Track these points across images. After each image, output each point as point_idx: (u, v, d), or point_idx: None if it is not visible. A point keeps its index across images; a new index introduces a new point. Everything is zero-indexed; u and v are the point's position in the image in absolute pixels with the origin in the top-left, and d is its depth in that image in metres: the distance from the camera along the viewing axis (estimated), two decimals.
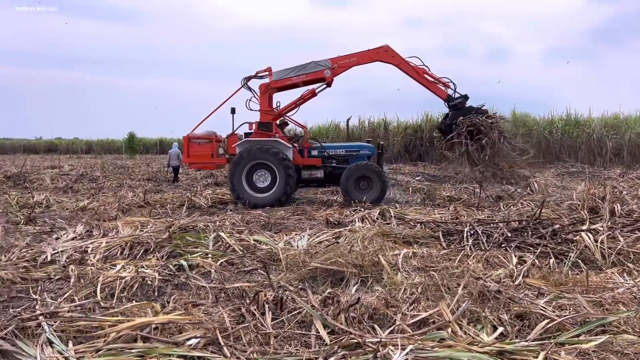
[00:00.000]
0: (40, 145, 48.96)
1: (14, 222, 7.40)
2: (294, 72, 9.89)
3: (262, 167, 9.52)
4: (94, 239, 6.06)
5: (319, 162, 10.01)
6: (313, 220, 7.68)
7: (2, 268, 4.65)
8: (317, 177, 10.03)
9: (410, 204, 9.45)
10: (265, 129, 9.77)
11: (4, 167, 20.01)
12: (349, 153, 10.23)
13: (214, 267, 4.83)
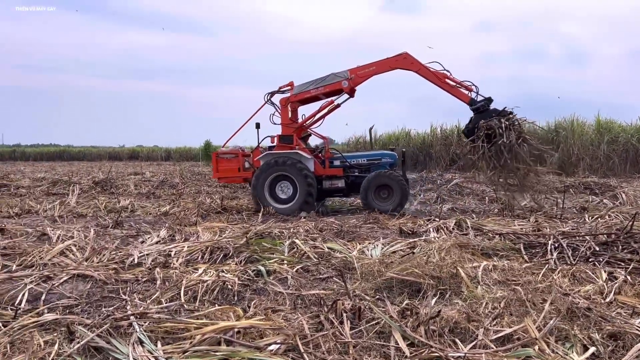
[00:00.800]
0: (123, 153, 51.96)
1: (104, 226, 7.88)
2: (313, 85, 10.09)
3: (283, 178, 9.79)
4: (176, 243, 6.33)
5: (341, 172, 10.11)
6: (386, 229, 7.63)
7: (95, 269, 4.95)
8: (338, 187, 10.12)
9: (488, 214, 9.15)
10: (286, 141, 10.03)
11: (92, 173, 21.38)
12: (371, 162, 10.28)
13: (290, 274, 4.90)
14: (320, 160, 10.23)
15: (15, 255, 5.67)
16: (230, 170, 10.42)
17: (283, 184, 9.85)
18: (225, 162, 10.47)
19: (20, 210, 9.72)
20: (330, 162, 10.30)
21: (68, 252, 5.73)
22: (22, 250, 5.82)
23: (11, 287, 4.44)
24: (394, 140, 24.46)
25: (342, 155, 10.54)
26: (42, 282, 4.56)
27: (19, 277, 4.70)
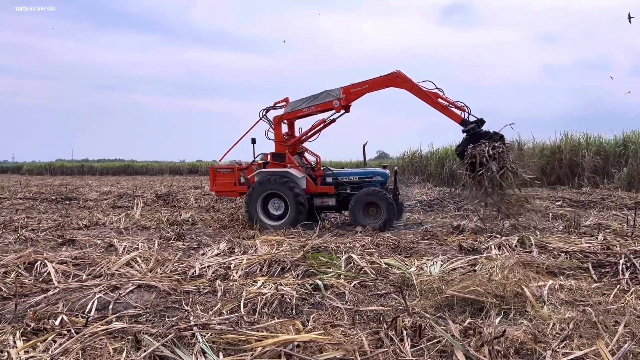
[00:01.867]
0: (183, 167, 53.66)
1: (166, 238, 8.15)
2: (307, 102, 10.21)
3: (275, 196, 9.93)
4: (235, 255, 6.45)
5: (332, 189, 10.18)
6: (445, 245, 7.47)
7: (159, 280, 5.12)
8: (329, 204, 10.23)
9: (552, 231, 8.79)
10: (278, 159, 10.22)
11: (154, 187, 22.20)
12: (362, 179, 10.35)
13: (347, 289, 4.88)
14: (313, 178, 10.33)
15: (85, 265, 5.96)
16: (226, 185, 10.65)
17: (275, 201, 10.01)
18: (221, 176, 10.70)
19: (89, 222, 10.21)
20: (322, 179, 10.41)
21: (133, 263, 5.96)
22: (91, 261, 6.11)
23: (82, 295, 4.66)
24: (450, 154, 24.02)
25: (333, 172, 10.59)
26: (110, 292, 4.76)
27: (88, 287, 4.94)
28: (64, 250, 6.95)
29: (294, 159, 10.31)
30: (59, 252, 6.60)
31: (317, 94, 10.17)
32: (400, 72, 9.57)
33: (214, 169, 10.87)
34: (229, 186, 10.63)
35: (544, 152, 20.83)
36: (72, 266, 5.87)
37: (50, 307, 4.33)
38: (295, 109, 10.33)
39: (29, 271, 5.63)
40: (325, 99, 10.02)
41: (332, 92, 9.98)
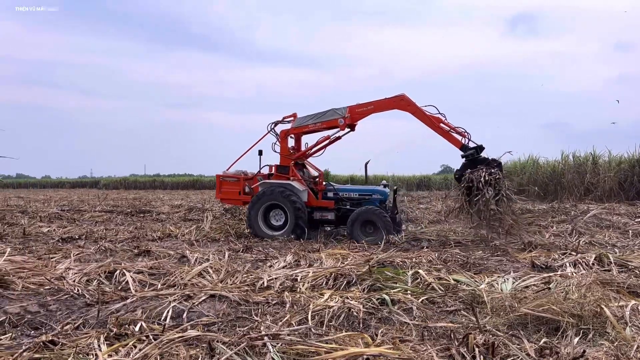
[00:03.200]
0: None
1: (235, 250, 8.38)
2: (313, 119, 10.62)
3: (276, 207, 10.29)
4: (301, 268, 6.53)
5: (332, 204, 10.50)
6: (516, 262, 7.22)
7: (230, 290, 5.27)
8: (328, 218, 10.52)
9: (632, 248, 8.29)
10: (282, 171, 10.66)
11: None
12: (362, 196, 10.62)
13: (415, 304, 4.82)
14: (315, 192, 10.60)
15: (160, 274, 6.24)
16: (231, 193, 11.03)
17: (276, 212, 10.35)
18: (227, 184, 11.07)
19: (162, 234, 10.67)
20: (324, 193, 10.66)
21: (205, 273, 6.17)
22: (165, 271, 6.39)
23: (158, 303, 4.87)
24: (519, 169, 23.22)
25: (334, 187, 10.82)
26: (184, 301, 4.95)
27: (164, 295, 5.16)
28: (140, 260, 7.30)
29: (297, 172, 10.63)
30: (135, 262, 6.94)
31: (324, 111, 10.51)
32: (405, 96, 9.85)
33: (221, 177, 11.19)
34: (234, 195, 11.01)
35: (622, 165, 19.74)
36: (148, 276, 6.15)
37: (129, 314, 4.56)
38: (302, 125, 10.72)
39: (109, 280, 5.96)
40: (331, 117, 10.40)
41: (338, 110, 10.34)
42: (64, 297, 5.19)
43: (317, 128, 10.64)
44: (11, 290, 5.35)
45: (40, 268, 6.29)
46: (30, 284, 5.60)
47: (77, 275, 6.00)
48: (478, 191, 8.84)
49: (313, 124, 10.63)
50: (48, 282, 5.67)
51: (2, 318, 4.55)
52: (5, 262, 6.08)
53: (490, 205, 8.67)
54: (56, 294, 5.28)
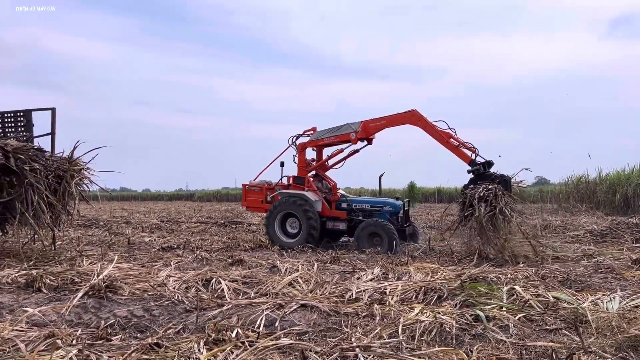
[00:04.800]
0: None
1: (323, 261, 8.48)
2: (328, 133, 11.21)
3: (292, 215, 10.90)
4: (390, 281, 6.48)
5: (344, 215, 10.99)
6: (623, 280, 6.70)
7: (320, 301, 5.34)
8: (339, 228, 10.99)
9: None
10: (299, 182, 11.27)
11: None
12: (373, 208, 11.01)
13: (511, 321, 4.62)
14: (329, 202, 11.15)
15: (252, 283, 6.45)
16: (255, 201, 11.82)
17: (292, 221, 10.96)
18: (252, 193, 11.91)
19: (253, 245, 11.04)
20: (337, 204, 11.19)
21: (295, 283, 6.30)
22: (258, 280, 6.59)
23: (251, 311, 5.04)
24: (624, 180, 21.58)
25: (346, 198, 11.27)
26: (276, 309, 5.08)
27: (257, 304, 5.32)
28: (233, 269, 7.59)
29: (312, 183, 11.22)
30: (230, 271, 7.23)
31: (340, 125, 11.07)
32: (416, 111, 10.22)
33: (247, 186, 12.08)
34: (258, 203, 11.80)
35: None
36: (241, 284, 6.38)
37: (225, 320, 4.75)
38: (318, 138, 11.36)
39: (206, 287, 6.25)
40: (345, 131, 10.94)
41: (353, 125, 10.87)
42: (165, 303, 5.51)
43: (331, 142, 11.22)
44: (119, 295, 5.77)
45: (143, 275, 6.73)
46: (136, 289, 6.01)
47: (176, 282, 6.35)
48: (471, 207, 9.06)
49: (328, 138, 11.21)
50: (151, 289, 6.05)
51: (112, 321, 4.92)
52: (114, 269, 6.57)
53: (482, 221, 8.77)
54: (158, 300, 5.62)
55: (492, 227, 8.81)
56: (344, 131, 10.97)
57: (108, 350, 3.91)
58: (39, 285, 6.18)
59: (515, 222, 9.13)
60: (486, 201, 8.95)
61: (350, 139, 10.88)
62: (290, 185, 11.47)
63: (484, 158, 9.80)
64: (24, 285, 6.30)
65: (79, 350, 3.75)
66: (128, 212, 25.21)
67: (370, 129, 10.79)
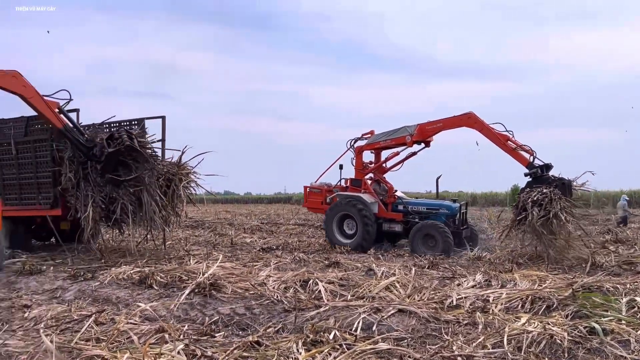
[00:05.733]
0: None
1: (420, 266, 8.27)
2: (384, 136, 11.37)
3: (349, 217, 11.12)
4: (493, 289, 6.18)
5: (400, 216, 11.11)
6: None
7: (418, 306, 5.20)
8: (395, 230, 11.15)
9: None
10: (356, 184, 11.59)
11: None
12: (429, 210, 11.07)
13: (632, 336, 4.19)
14: (385, 204, 11.27)
15: (349, 286, 6.44)
16: (315, 202, 12.28)
17: (349, 222, 11.17)
18: (313, 195, 12.34)
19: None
20: (393, 206, 11.33)
21: (392, 287, 6.21)
22: (354, 283, 6.57)
23: (348, 314, 5.02)
24: None
25: (402, 201, 11.37)
26: (373, 313, 5.02)
27: (353, 306, 5.29)
28: (330, 271, 7.64)
29: (369, 185, 11.49)
30: (326, 273, 7.29)
31: (397, 128, 11.18)
32: (473, 114, 10.23)
33: (308, 188, 12.50)
34: (318, 204, 12.23)
35: None
36: (338, 286, 6.40)
37: (323, 322, 4.77)
38: (374, 141, 11.57)
39: (304, 288, 6.33)
40: (400, 134, 11.06)
41: (409, 127, 10.97)
42: (265, 302, 5.66)
43: (386, 144, 11.41)
44: (222, 293, 6.02)
45: (245, 274, 6.97)
46: (238, 288, 6.24)
47: (276, 282, 6.51)
48: (524, 211, 8.98)
49: (383, 141, 11.39)
50: (252, 288, 6.25)
51: (216, 318, 5.14)
52: (218, 268, 6.86)
53: (535, 225, 8.69)
54: (259, 299, 5.78)
55: (546, 231, 8.75)
56: (400, 134, 11.11)
57: (212, 346, 4.08)
58: (151, 282, 6.62)
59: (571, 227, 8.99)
60: (540, 205, 8.88)
61: (406, 141, 11.02)
62: (348, 187, 11.80)
63: (542, 161, 9.72)
64: (138, 281, 6.78)
65: (185, 345, 3.95)
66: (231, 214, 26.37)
67: (426, 132, 10.92)
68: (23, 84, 7.72)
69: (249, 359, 3.81)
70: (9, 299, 5.98)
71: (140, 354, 3.47)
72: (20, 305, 5.60)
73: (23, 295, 6.20)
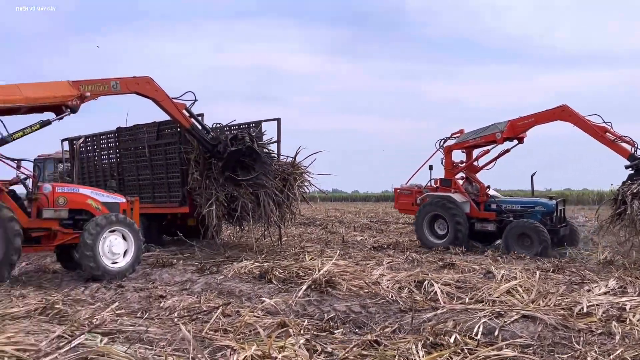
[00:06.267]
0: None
1: (544, 269, 7.77)
2: (473, 134, 11.11)
3: (440, 217, 10.95)
4: (629, 296, 5.66)
5: (493, 216, 10.79)
6: None
7: (544, 312, 4.90)
8: (488, 229, 10.82)
9: None
10: (446, 184, 11.42)
11: None
12: (524, 209, 10.62)
13: None
14: (477, 203, 10.98)
15: (466, 288, 6.25)
16: (406, 204, 12.34)
17: (440, 222, 10.99)
18: (403, 196, 12.45)
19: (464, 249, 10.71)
20: (486, 205, 11.00)
21: (514, 291, 5.91)
22: (472, 285, 6.36)
23: (467, 317, 4.86)
24: None
25: (495, 199, 11.03)
26: (494, 318, 4.81)
27: (472, 310, 5.12)
28: (445, 272, 7.45)
29: (459, 185, 11.31)
30: (441, 274, 7.12)
31: (487, 126, 10.87)
32: (567, 106, 9.92)
33: (398, 190, 12.68)
34: (408, 205, 12.29)
35: None
36: (455, 288, 6.23)
37: (441, 324, 4.67)
38: (463, 140, 11.33)
39: (418, 289, 6.25)
40: (490, 131, 10.73)
41: (499, 124, 10.63)
42: (380, 301, 5.67)
43: (476, 143, 11.14)
44: (338, 290, 6.13)
45: (358, 273, 7.03)
46: (352, 286, 6.32)
47: (389, 282, 6.49)
48: (624, 205, 8.66)
49: (473, 139, 11.14)
50: (366, 286, 6.29)
51: (332, 314, 5.25)
52: (333, 266, 6.99)
53: (635, 218, 8.37)
54: (373, 298, 5.81)
55: None
56: (490, 131, 10.84)
57: (331, 343, 4.17)
58: (270, 277, 6.92)
59: None
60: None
61: (496, 139, 10.72)
62: (438, 187, 11.71)
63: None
64: (258, 276, 7.13)
65: (306, 340, 4.08)
66: (340, 212, 26.74)
67: (518, 128, 10.60)
68: (155, 89, 8.41)
69: (368, 357, 3.83)
70: (146, 289, 6.57)
71: (265, 347, 3.64)
72: (156, 295, 6.14)
73: (158, 286, 6.78)
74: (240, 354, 3.50)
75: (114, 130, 11.24)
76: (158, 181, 10.44)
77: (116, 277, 7.14)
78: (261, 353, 3.57)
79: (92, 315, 4.91)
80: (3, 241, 6.43)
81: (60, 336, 3.99)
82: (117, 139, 11.23)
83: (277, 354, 3.58)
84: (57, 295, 5.89)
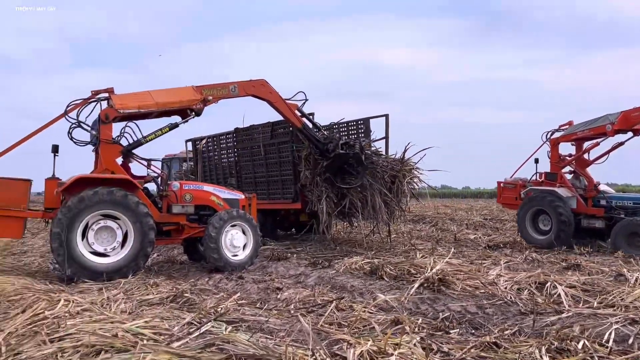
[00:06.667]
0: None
1: None
2: (582, 126, 10.56)
3: (544, 212, 10.58)
4: None
5: (601, 212, 10.15)
6: None
7: None
8: (595, 226, 10.21)
9: None
10: (551, 178, 10.97)
11: None
12: (637, 205, 9.91)
13: None
14: (584, 199, 10.45)
15: (594, 292, 5.80)
16: (509, 198, 12.00)
17: (544, 218, 10.62)
18: (507, 190, 12.13)
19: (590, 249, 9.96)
20: (594, 201, 10.42)
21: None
22: (600, 289, 5.90)
23: (596, 323, 4.51)
24: None
25: (603, 195, 10.41)
26: (628, 324, 4.43)
27: (602, 315, 4.75)
28: (569, 274, 6.98)
29: (566, 179, 10.81)
30: (565, 276, 6.68)
31: (598, 117, 10.24)
32: None
33: (502, 184, 12.35)
34: (512, 200, 11.92)
35: None
36: (581, 291, 5.82)
37: (566, 329, 4.39)
38: (571, 132, 10.84)
39: (540, 291, 5.91)
40: (600, 123, 10.11)
41: (610, 116, 9.96)
42: (498, 303, 5.46)
43: (584, 135, 10.59)
44: (452, 290, 6.00)
45: (473, 272, 6.81)
46: (467, 286, 6.14)
47: (507, 282, 6.22)
48: None
49: (581, 131, 10.62)
50: (482, 286, 6.08)
51: (447, 314, 5.14)
52: (445, 264, 6.84)
53: None
54: (490, 299, 5.60)
55: None
56: (600, 123, 10.20)
57: (447, 343, 4.09)
58: (381, 273, 6.94)
59: None
60: None
61: (606, 131, 10.02)
62: (543, 181, 11.30)
63: None
64: (369, 272, 7.18)
65: (421, 339, 4.04)
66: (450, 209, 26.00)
67: (631, 119, 9.79)
68: (269, 91, 8.77)
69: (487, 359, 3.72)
70: (264, 281, 6.91)
71: (381, 343, 3.67)
72: (273, 287, 6.43)
73: (274, 278, 7.10)
74: (357, 349, 3.56)
75: (231, 130, 11.92)
76: (272, 178, 10.90)
77: (236, 269, 7.61)
78: (377, 349, 3.60)
79: (217, 305, 5.26)
80: (139, 234, 7.10)
81: (189, 323, 4.33)
82: (235, 139, 11.90)
83: (393, 350, 3.59)
84: (185, 285, 6.38)
